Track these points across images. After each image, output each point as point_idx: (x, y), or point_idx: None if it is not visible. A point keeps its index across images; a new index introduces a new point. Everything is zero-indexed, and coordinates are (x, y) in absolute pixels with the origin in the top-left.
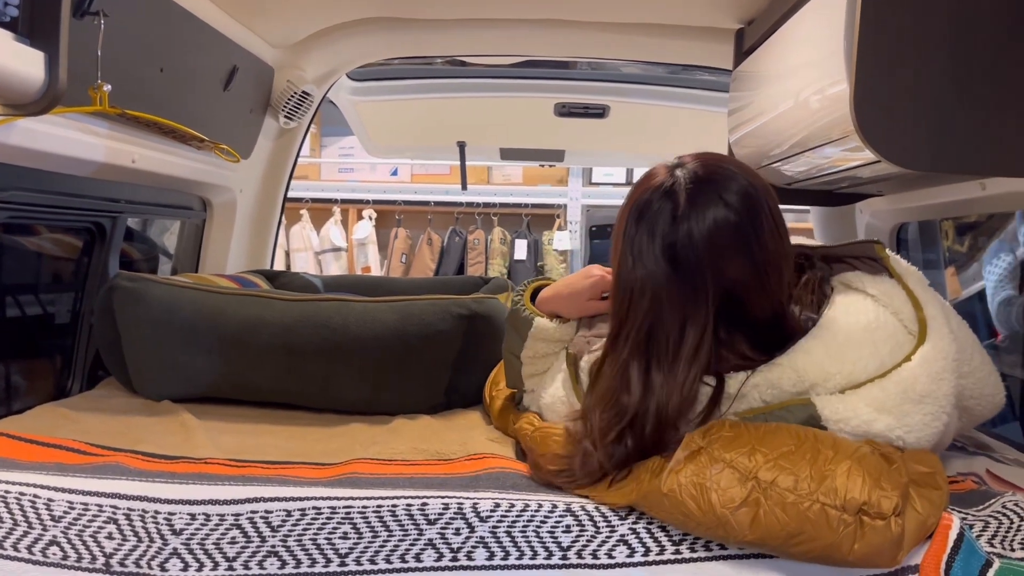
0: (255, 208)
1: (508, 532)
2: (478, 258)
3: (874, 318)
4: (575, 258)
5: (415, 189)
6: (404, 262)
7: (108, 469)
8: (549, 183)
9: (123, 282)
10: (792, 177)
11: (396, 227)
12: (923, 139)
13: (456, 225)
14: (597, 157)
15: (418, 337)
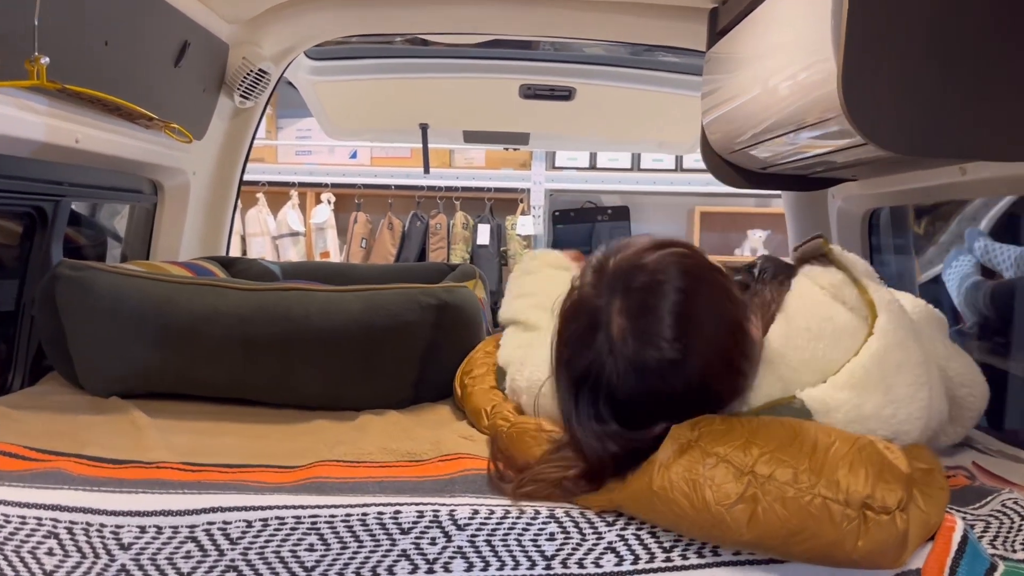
0: (209, 192)
1: (488, 541)
2: (440, 243)
3: (826, 306)
4: (539, 243)
5: (375, 172)
6: (364, 247)
7: (49, 477)
8: (512, 167)
9: (66, 271)
10: (766, 161)
11: (355, 211)
12: (910, 122)
13: (417, 209)
14: (563, 141)
15: (385, 329)
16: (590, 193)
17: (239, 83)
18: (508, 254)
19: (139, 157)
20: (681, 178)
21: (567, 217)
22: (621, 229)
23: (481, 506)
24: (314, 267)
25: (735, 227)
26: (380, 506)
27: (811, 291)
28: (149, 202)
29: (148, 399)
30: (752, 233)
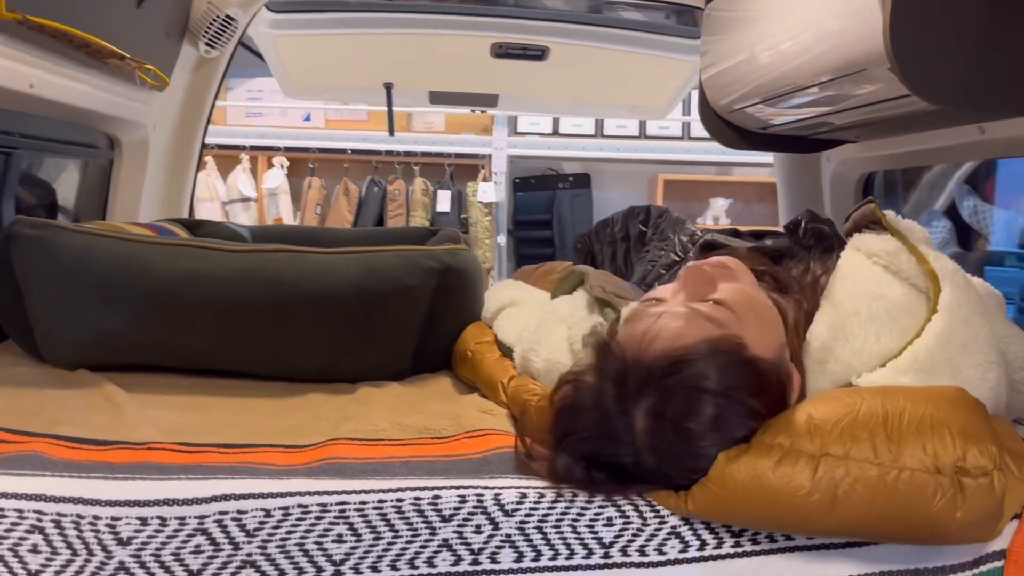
0: (171, 148)
1: (539, 528)
2: (399, 210)
3: (877, 281)
4: (500, 210)
5: (330, 136)
6: (319, 214)
7: (25, 461)
8: (473, 132)
9: (24, 229)
10: (767, 121)
11: (310, 176)
12: (962, 74)
13: (375, 175)
14: (532, 104)
15: (384, 294)
16: (552, 160)
17: (204, 29)
18: (469, 222)
19: (96, 107)
20: (645, 145)
21: (528, 184)
22: (582, 197)
23: (529, 489)
24: (286, 231)
25: (696, 196)
26: (416, 490)
27: (859, 267)
28: (105, 158)
29: (119, 371)
30: (714, 201)
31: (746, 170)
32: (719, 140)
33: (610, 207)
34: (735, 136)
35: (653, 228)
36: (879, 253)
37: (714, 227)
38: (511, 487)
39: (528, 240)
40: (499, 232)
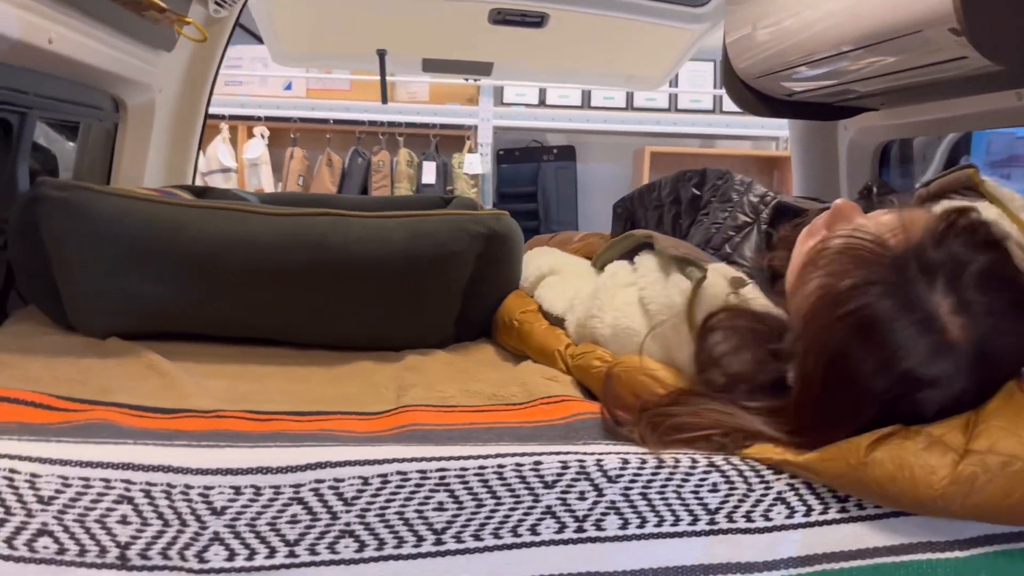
0: (176, 112)
1: (643, 494)
2: (383, 181)
3: None
4: (486, 182)
5: (312, 105)
6: (301, 185)
7: (98, 429)
8: (458, 102)
9: (52, 191)
10: (792, 88)
11: (291, 146)
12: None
13: (358, 145)
14: (527, 73)
15: (431, 259)
16: (539, 131)
17: None
18: (455, 194)
19: (107, 66)
20: (631, 117)
21: (512, 157)
22: (567, 170)
23: (630, 455)
24: (294, 198)
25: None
26: (518, 456)
27: None
28: (111, 121)
29: (151, 340)
30: None
31: (730, 143)
32: (741, 106)
33: (595, 180)
34: (759, 103)
35: (711, 191)
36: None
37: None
38: (612, 452)
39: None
40: (485, 205)
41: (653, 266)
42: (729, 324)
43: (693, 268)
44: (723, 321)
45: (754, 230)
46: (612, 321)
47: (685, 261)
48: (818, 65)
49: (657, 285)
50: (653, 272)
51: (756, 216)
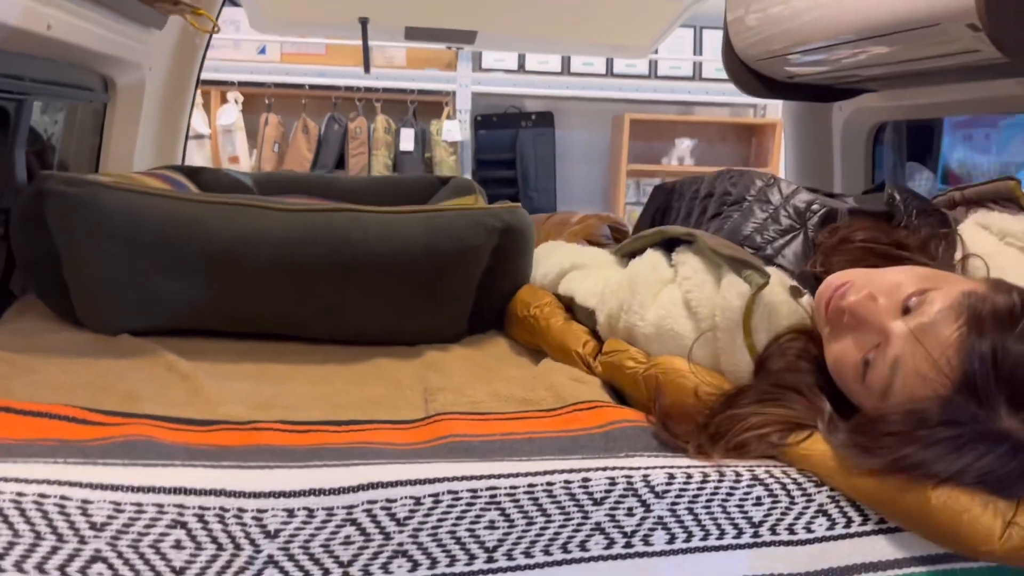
0: (166, 90)
1: (690, 509)
2: (360, 148)
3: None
4: (465, 150)
5: (286, 70)
6: (277, 152)
7: (141, 448)
8: (436, 67)
9: (59, 186)
10: (794, 72)
11: (266, 112)
12: None
13: (334, 111)
14: (511, 41)
15: (450, 254)
16: (517, 97)
17: None
18: (434, 161)
19: (101, 48)
20: (611, 83)
21: (490, 122)
22: (545, 136)
23: (676, 469)
24: (292, 179)
25: (660, 136)
26: (567, 473)
27: (991, 247)
28: (101, 101)
29: (163, 336)
30: (679, 142)
31: (709, 110)
32: (741, 88)
33: (573, 146)
34: (759, 85)
35: (746, 189)
36: (1015, 234)
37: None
38: (657, 467)
39: (491, 180)
40: (464, 172)
41: (699, 266)
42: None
43: (752, 272)
44: (789, 343)
45: (800, 236)
46: (656, 320)
47: (742, 263)
48: (824, 51)
49: (706, 287)
50: (700, 273)
51: (803, 222)
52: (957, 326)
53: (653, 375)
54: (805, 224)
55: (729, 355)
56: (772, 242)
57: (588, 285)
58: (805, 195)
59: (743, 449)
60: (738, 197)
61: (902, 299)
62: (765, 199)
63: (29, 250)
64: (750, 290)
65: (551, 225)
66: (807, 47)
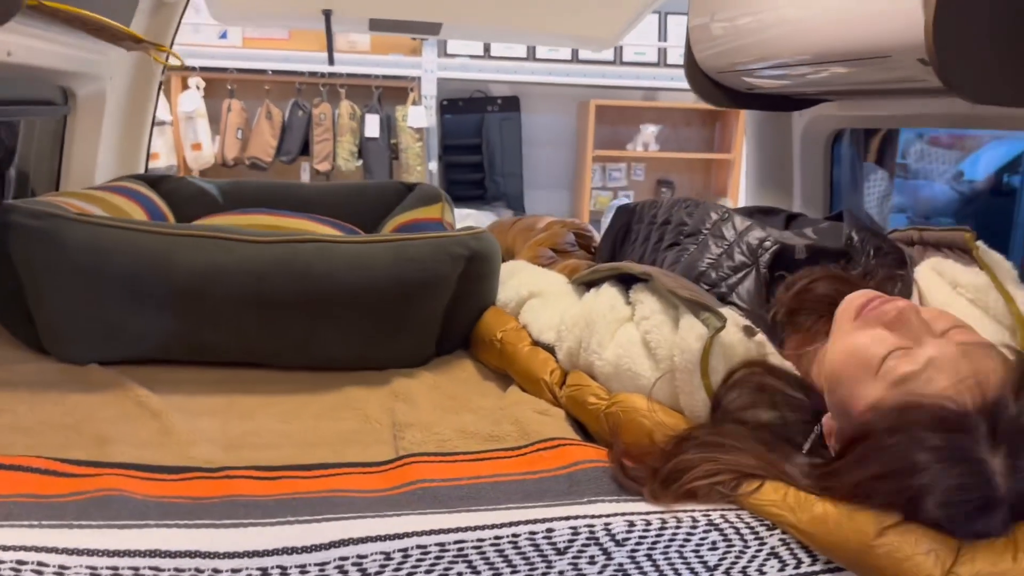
0: (128, 99)
1: (648, 555)
2: (325, 134)
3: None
4: (431, 136)
5: (249, 55)
6: (240, 138)
7: (117, 506)
8: (401, 52)
9: (23, 219)
10: (754, 85)
11: (228, 99)
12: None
13: (298, 97)
14: (476, 32)
15: (416, 283)
16: (483, 82)
17: None
18: (399, 147)
19: (61, 65)
20: (577, 69)
21: (456, 107)
22: (511, 120)
23: (635, 516)
24: (256, 188)
25: (625, 121)
26: (530, 524)
27: (945, 296)
28: (60, 114)
29: (131, 365)
30: (644, 127)
31: (673, 95)
32: (703, 97)
33: (540, 131)
34: (720, 94)
35: (701, 222)
36: (966, 286)
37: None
38: (617, 514)
39: (457, 165)
40: (430, 158)
41: (656, 307)
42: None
43: (710, 316)
44: (744, 377)
45: (752, 272)
46: (614, 360)
47: (699, 305)
48: (784, 68)
49: (664, 328)
50: (657, 314)
51: (755, 259)
52: (1004, 366)
53: (614, 413)
54: (757, 261)
55: (688, 395)
56: (726, 279)
57: (545, 318)
58: (758, 232)
59: (694, 497)
60: (694, 229)
61: (945, 326)
62: (720, 234)
63: None
64: (708, 332)
65: (517, 231)
66: (768, 63)
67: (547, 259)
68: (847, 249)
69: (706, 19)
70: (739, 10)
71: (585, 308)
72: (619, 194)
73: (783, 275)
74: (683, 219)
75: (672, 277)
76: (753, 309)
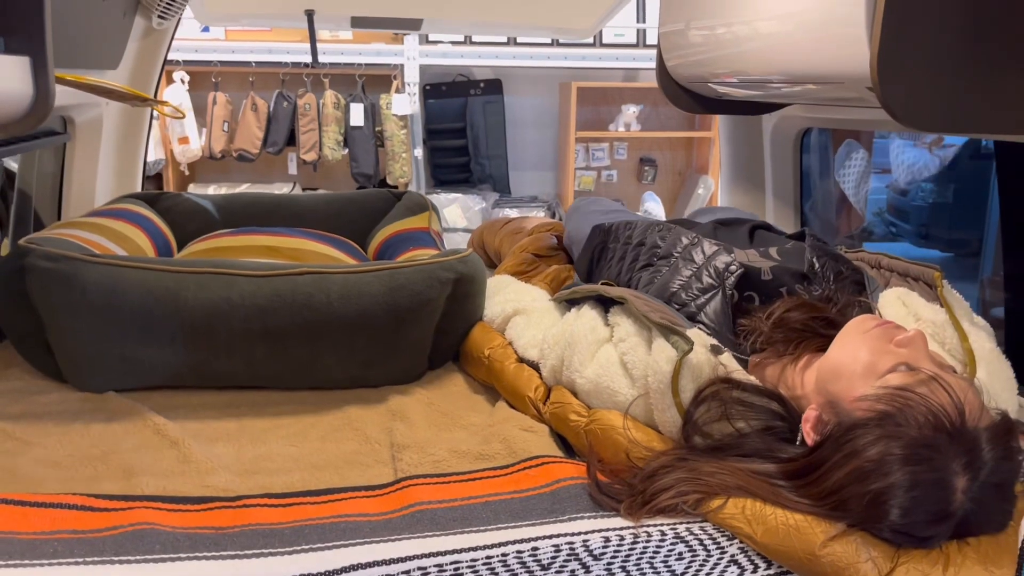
0: (123, 122)
1: (623, 567)
2: (311, 125)
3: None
4: (415, 123)
5: (232, 48)
6: (227, 131)
7: (149, 541)
8: (383, 41)
9: (40, 262)
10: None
11: (214, 91)
12: (940, 101)
13: (283, 88)
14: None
15: (408, 309)
16: (465, 67)
17: (157, 3)
18: (384, 135)
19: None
20: (557, 52)
21: (439, 91)
22: (494, 103)
23: (611, 532)
24: (250, 200)
25: (607, 102)
26: (518, 544)
27: (906, 324)
28: (62, 142)
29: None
30: (625, 108)
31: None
32: (674, 103)
33: (523, 113)
34: (691, 101)
35: (673, 245)
36: (927, 321)
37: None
38: (595, 531)
39: (442, 149)
40: (415, 145)
41: (631, 329)
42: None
43: (678, 339)
44: (712, 393)
45: (719, 294)
46: (594, 378)
47: (669, 329)
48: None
49: (639, 350)
50: (632, 336)
51: (721, 282)
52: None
53: (593, 430)
54: (724, 284)
55: (661, 412)
56: (696, 299)
57: (528, 336)
58: (724, 256)
59: (667, 513)
60: (666, 252)
61: (941, 362)
62: (690, 257)
63: (13, 319)
64: (677, 355)
65: (505, 234)
66: (733, 78)
67: (529, 264)
68: (810, 274)
69: (675, 27)
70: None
71: (567, 328)
72: (603, 174)
73: (750, 295)
74: (656, 242)
75: (644, 300)
76: (719, 328)
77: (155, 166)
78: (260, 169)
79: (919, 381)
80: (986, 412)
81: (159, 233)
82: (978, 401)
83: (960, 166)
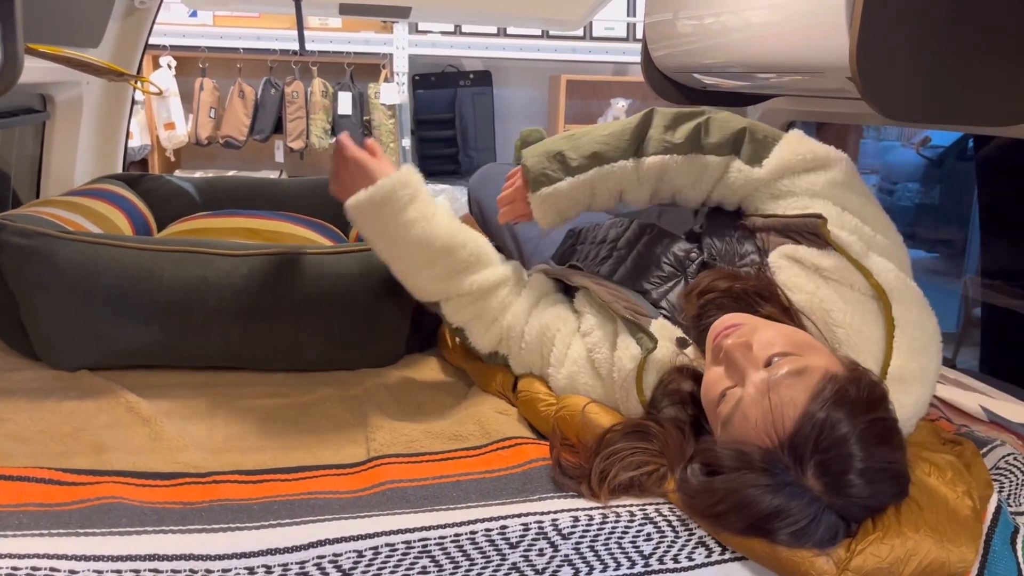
0: (104, 102)
1: (591, 547)
2: (298, 112)
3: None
4: (404, 113)
5: (220, 33)
6: (213, 117)
7: (116, 514)
8: (372, 29)
9: (12, 238)
10: (708, 85)
11: (201, 77)
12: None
13: (270, 75)
14: (446, 14)
15: (384, 289)
16: (455, 59)
17: None
18: (372, 124)
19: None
20: (547, 45)
21: (428, 82)
22: (483, 95)
23: (580, 512)
24: (231, 186)
25: (596, 95)
26: (487, 522)
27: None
28: (41, 120)
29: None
30: (615, 102)
31: None
32: (661, 95)
33: (512, 106)
34: (676, 92)
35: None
36: (830, 268)
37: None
38: (564, 510)
39: (430, 140)
40: (403, 135)
41: (595, 322)
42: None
43: (643, 336)
44: (671, 385)
45: (681, 282)
46: (568, 374)
47: (635, 324)
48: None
49: (604, 347)
50: (597, 330)
51: (683, 270)
52: (805, 394)
53: (563, 416)
54: (685, 272)
55: (625, 406)
56: (658, 287)
57: None
58: (683, 244)
59: (628, 491)
60: (626, 243)
61: (769, 355)
62: (649, 247)
63: None
64: (641, 354)
65: None
66: (721, 68)
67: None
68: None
69: (660, 18)
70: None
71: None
72: None
73: None
74: (617, 236)
75: (607, 288)
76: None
77: (141, 151)
78: (247, 156)
79: (729, 416)
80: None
81: (138, 214)
82: (791, 393)
83: (946, 166)
